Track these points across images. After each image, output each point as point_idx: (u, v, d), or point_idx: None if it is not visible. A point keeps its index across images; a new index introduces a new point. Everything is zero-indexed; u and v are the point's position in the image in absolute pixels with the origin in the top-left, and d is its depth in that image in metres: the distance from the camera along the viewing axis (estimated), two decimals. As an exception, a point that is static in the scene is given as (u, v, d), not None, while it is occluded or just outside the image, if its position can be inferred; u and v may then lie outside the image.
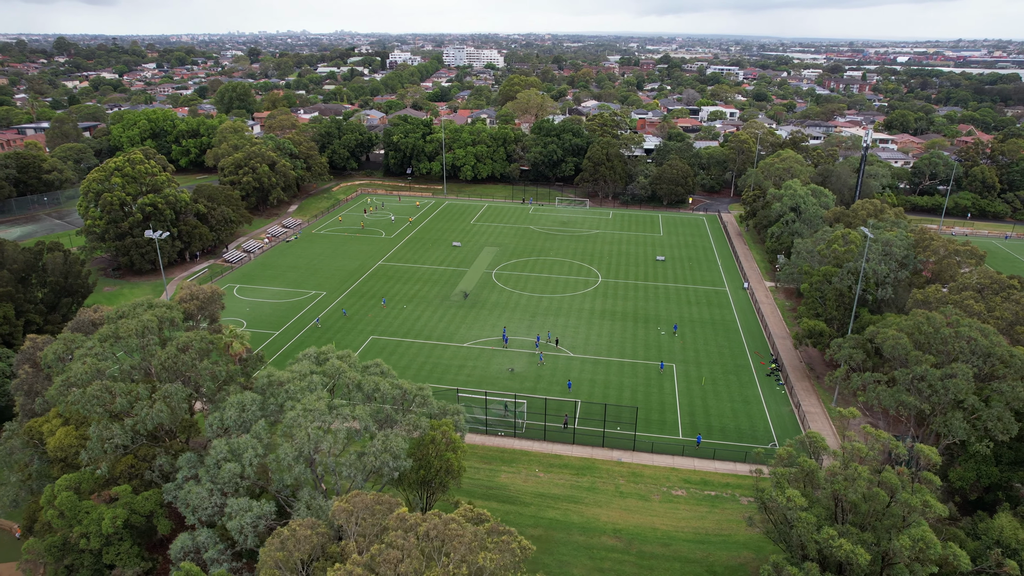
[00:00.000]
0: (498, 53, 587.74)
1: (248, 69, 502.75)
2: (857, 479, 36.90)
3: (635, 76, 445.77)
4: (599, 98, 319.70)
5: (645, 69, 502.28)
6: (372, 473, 41.81)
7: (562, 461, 63.56)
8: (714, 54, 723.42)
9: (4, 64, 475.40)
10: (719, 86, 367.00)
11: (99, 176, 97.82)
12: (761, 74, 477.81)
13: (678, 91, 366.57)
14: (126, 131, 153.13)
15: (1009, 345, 49.32)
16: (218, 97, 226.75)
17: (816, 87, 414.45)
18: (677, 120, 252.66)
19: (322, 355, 49.43)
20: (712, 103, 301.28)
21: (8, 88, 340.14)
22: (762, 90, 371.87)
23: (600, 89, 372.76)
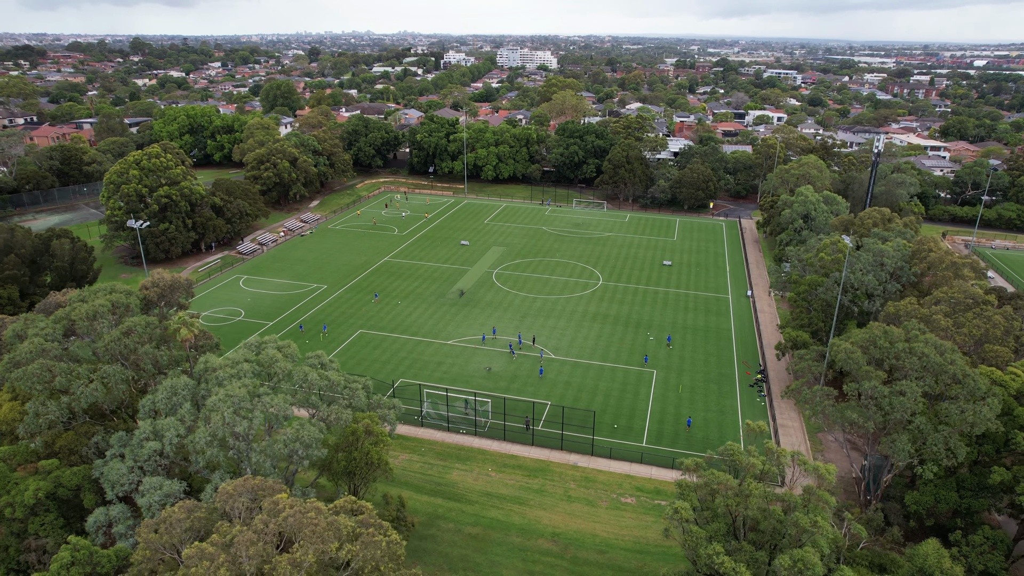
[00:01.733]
0: (551, 55, 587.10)
1: (306, 68, 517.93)
2: (751, 495, 35.63)
3: (688, 79, 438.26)
4: (645, 100, 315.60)
5: (700, 72, 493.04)
6: (282, 459, 42.75)
7: (517, 462, 63.36)
8: (776, 57, 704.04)
9: (84, 63, 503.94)
10: (772, 90, 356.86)
11: (120, 168, 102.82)
12: (820, 78, 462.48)
13: (731, 95, 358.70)
14: (166, 126, 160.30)
15: (965, 364, 46.48)
16: (264, 95, 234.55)
17: (878, 92, 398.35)
18: (719, 124, 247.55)
19: (262, 344, 50.76)
20: (760, 107, 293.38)
21: (82, 86, 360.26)
22: (818, 94, 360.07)
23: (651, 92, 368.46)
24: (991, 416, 44.13)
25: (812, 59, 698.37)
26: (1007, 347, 50.60)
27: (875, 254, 71.71)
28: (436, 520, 56.21)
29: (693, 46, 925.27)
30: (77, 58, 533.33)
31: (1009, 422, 47.61)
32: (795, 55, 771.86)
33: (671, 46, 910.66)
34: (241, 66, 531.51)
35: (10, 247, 77.59)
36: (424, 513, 57.00)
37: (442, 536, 54.49)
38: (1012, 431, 46.56)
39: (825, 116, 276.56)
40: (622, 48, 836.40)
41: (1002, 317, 51.82)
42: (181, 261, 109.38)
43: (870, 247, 72.33)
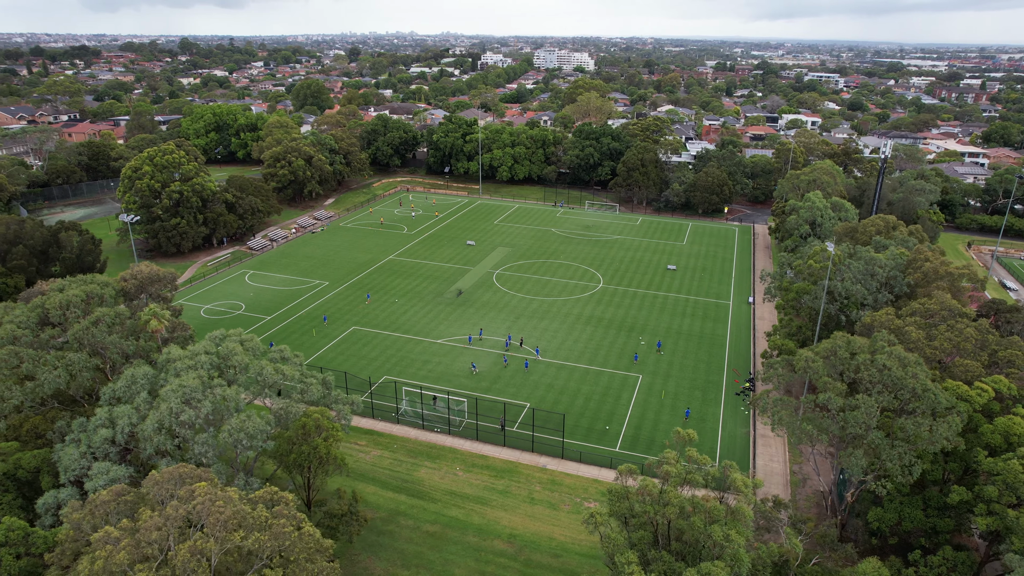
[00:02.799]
0: (589, 56, 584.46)
1: (345, 68, 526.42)
2: (668, 504, 35.14)
3: (726, 82, 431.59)
4: (677, 103, 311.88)
5: (739, 75, 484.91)
6: (227, 449, 43.73)
7: (486, 462, 63.46)
8: (821, 60, 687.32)
9: (134, 63, 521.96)
10: (811, 94, 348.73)
11: (136, 164, 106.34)
12: (864, 81, 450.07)
13: (768, 98, 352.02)
14: (193, 124, 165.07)
15: (928, 378, 44.78)
16: (294, 94, 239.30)
17: (924, 96, 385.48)
18: (749, 128, 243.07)
19: (225, 336, 51.94)
20: (795, 111, 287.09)
21: (130, 84, 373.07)
22: (859, 98, 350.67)
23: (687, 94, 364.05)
24: (950, 433, 42.50)
25: (859, 62, 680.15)
26: (979, 361, 48.59)
27: (867, 263, 69.64)
28: (397, 516, 56.71)
29: (736, 49, 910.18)
30: (128, 58, 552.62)
31: (974, 439, 45.82)
32: (841, 58, 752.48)
33: (714, 49, 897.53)
34: (282, 65, 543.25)
35: (19, 238, 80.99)
36: (386, 509, 57.59)
37: (400, 532, 54.97)
38: (975, 448, 44.77)
39: (862, 121, 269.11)
40: (663, 50, 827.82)
41: (975, 330, 49.76)
42: (192, 255, 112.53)
43: (862, 255, 70.27)
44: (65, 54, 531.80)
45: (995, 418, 45.11)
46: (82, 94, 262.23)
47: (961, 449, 44.71)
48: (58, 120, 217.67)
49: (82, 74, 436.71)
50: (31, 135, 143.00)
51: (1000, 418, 44.61)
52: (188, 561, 30.23)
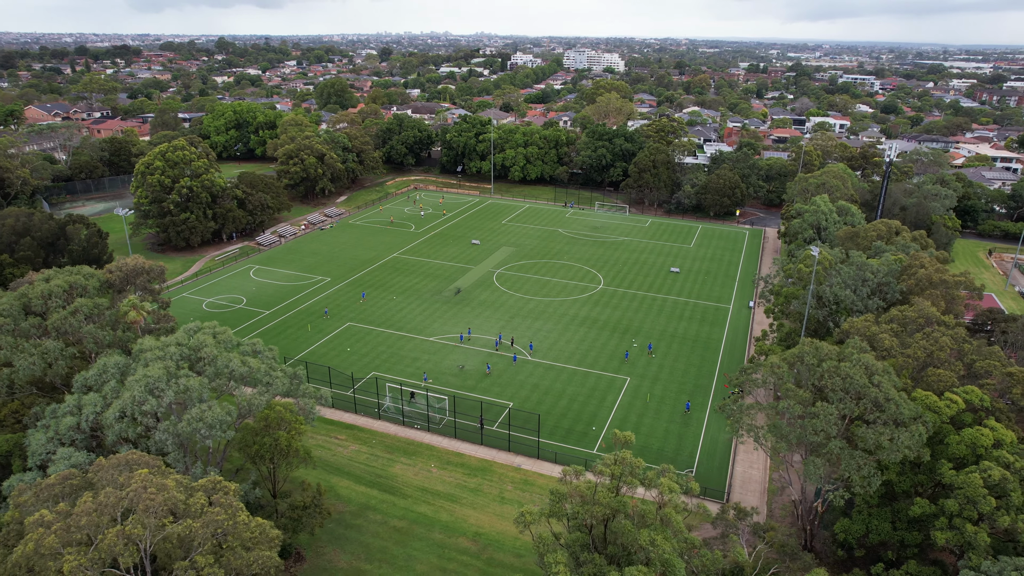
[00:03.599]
0: (619, 57, 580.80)
1: (375, 67, 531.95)
2: (594, 505, 34.90)
3: (757, 84, 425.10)
4: (704, 104, 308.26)
5: (771, 77, 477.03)
6: (186, 438, 44.64)
7: (461, 460, 63.66)
8: (859, 62, 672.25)
9: (172, 62, 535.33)
10: (843, 96, 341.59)
11: (148, 159, 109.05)
12: (901, 84, 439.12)
13: (799, 100, 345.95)
14: (214, 121, 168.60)
15: (893, 387, 43.52)
16: (318, 92, 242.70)
17: (963, 99, 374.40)
18: (774, 130, 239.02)
19: (198, 328, 53.01)
20: (823, 114, 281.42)
21: (165, 83, 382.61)
22: (894, 101, 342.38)
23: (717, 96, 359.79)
24: (912, 443, 41.36)
25: (899, 64, 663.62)
26: (953, 371, 47.09)
27: (859, 268, 68.05)
28: (366, 511, 57.26)
29: (772, 50, 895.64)
30: (167, 57, 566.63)
31: (941, 451, 44.52)
32: (881, 60, 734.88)
33: (749, 50, 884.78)
34: (315, 65, 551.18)
35: (27, 230, 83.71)
36: (357, 503, 58.20)
37: (368, 526, 55.49)
38: (940, 460, 43.49)
39: (892, 124, 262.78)
40: (697, 52, 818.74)
41: (950, 339, 48.23)
42: (201, 249, 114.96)
43: (854, 260, 68.68)
44: (107, 53, 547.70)
45: (963, 430, 43.73)
46: (116, 92, 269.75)
47: (925, 460, 43.45)
48: (91, 117, 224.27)
49: (122, 72, 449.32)
50: (58, 131, 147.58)
51: (968, 430, 43.25)
52: (115, 545, 31.01)
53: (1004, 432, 42.89)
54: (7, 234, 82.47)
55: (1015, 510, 39.89)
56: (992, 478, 39.85)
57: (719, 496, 59.02)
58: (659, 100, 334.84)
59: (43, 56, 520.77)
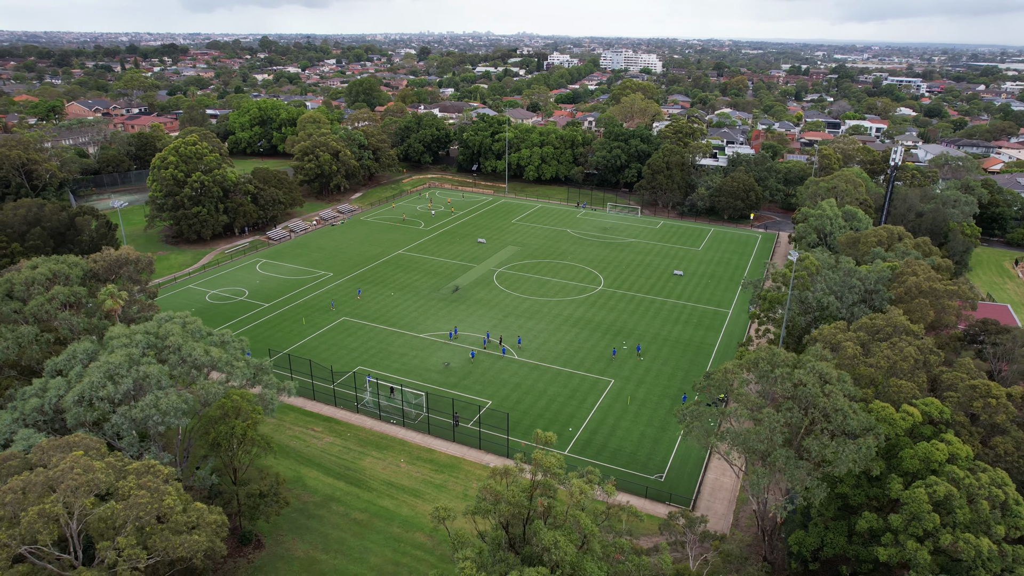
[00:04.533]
0: (657, 58, 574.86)
1: (412, 66, 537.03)
2: (500, 502, 34.85)
3: (796, 86, 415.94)
4: (736, 106, 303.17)
5: (812, 79, 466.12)
6: (139, 424, 45.93)
7: (431, 456, 64.04)
8: (909, 64, 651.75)
9: (216, 60, 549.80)
10: (884, 99, 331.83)
11: (163, 154, 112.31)
12: (950, 86, 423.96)
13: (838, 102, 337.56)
14: (239, 118, 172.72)
15: (843, 396, 42.19)
16: (348, 91, 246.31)
17: (1015, 102, 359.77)
18: (806, 133, 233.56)
19: (169, 318, 54.51)
20: (861, 117, 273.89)
21: (206, 80, 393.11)
22: (940, 104, 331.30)
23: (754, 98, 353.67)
24: (858, 455, 40.14)
25: (951, 66, 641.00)
26: (915, 383, 45.43)
27: (846, 274, 66.21)
28: (330, 502, 58.07)
29: (818, 52, 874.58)
30: (212, 55, 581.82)
31: (896, 463, 43.06)
32: (933, 62, 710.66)
33: (794, 52, 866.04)
34: (353, 63, 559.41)
35: (38, 220, 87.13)
36: (322, 494, 59.05)
37: (329, 517, 56.27)
38: (891, 474, 42.07)
39: (931, 128, 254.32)
40: (740, 53, 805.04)
41: (915, 349, 46.49)
42: (213, 242, 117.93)
43: (842, 266, 66.83)
44: (156, 51, 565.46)
45: (918, 444, 42.21)
46: (155, 89, 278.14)
47: (875, 474, 42.08)
48: (128, 113, 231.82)
49: (168, 70, 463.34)
50: (88, 126, 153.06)
51: (922, 443, 41.71)
52: (35, 522, 32.18)
53: (960, 447, 41.27)
54: (18, 223, 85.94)
55: (961, 527, 38.38)
56: (937, 494, 38.41)
57: (686, 503, 58.11)
58: (692, 101, 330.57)
59: (96, 55, 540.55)
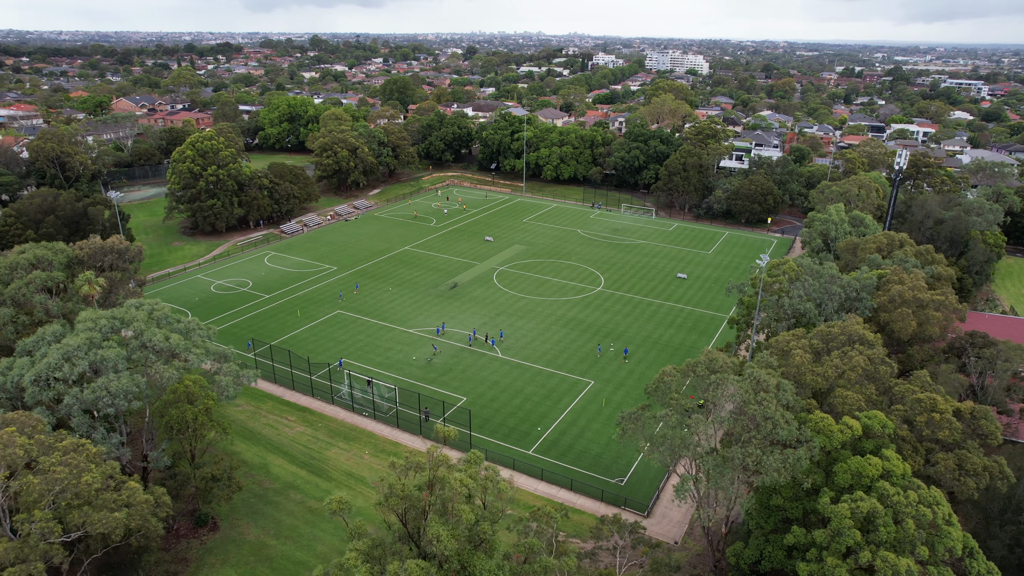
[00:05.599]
0: (704, 59, 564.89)
1: (457, 66, 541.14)
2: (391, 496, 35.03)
3: (847, 88, 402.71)
4: (776, 109, 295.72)
5: (865, 82, 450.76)
6: (89, 405, 47.73)
7: (396, 449, 64.60)
8: (975, 66, 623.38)
9: (268, 58, 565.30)
10: (938, 102, 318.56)
11: (181, 149, 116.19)
12: (1015, 89, 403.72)
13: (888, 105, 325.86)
14: (269, 114, 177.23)
15: (775, 405, 40.73)
16: (382, 89, 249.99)
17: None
18: (846, 137, 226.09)
19: (137, 304, 56.46)
20: (907, 120, 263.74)
21: (254, 77, 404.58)
22: (999, 108, 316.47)
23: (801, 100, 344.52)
24: (779, 467, 38.86)
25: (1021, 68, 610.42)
26: (863, 393, 43.53)
27: (827, 280, 64.00)
28: (289, 489, 59.21)
29: (878, 54, 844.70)
30: (264, 53, 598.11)
31: (831, 477, 41.47)
32: (1002, 64, 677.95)
33: (852, 53, 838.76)
34: (400, 62, 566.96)
35: (52, 209, 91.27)
36: (283, 481, 60.26)
37: (286, 504, 57.40)
38: (823, 488, 40.53)
39: (983, 133, 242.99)
40: (794, 55, 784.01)
41: (865, 359, 44.55)
42: (228, 235, 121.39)
43: (822, 273, 64.62)
44: (211, 50, 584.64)
45: (851, 458, 40.54)
46: (201, 86, 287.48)
47: (807, 486, 40.62)
48: (173, 108, 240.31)
49: (220, 68, 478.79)
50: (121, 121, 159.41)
51: (856, 458, 40.06)
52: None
53: (896, 463, 39.49)
54: (34, 212, 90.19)
55: (886, 546, 36.73)
56: (861, 510, 36.85)
57: (642, 508, 57.15)
58: (735, 103, 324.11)
59: (156, 53, 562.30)
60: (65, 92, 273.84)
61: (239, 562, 52.04)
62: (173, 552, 52.79)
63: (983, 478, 39.60)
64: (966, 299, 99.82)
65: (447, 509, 34.47)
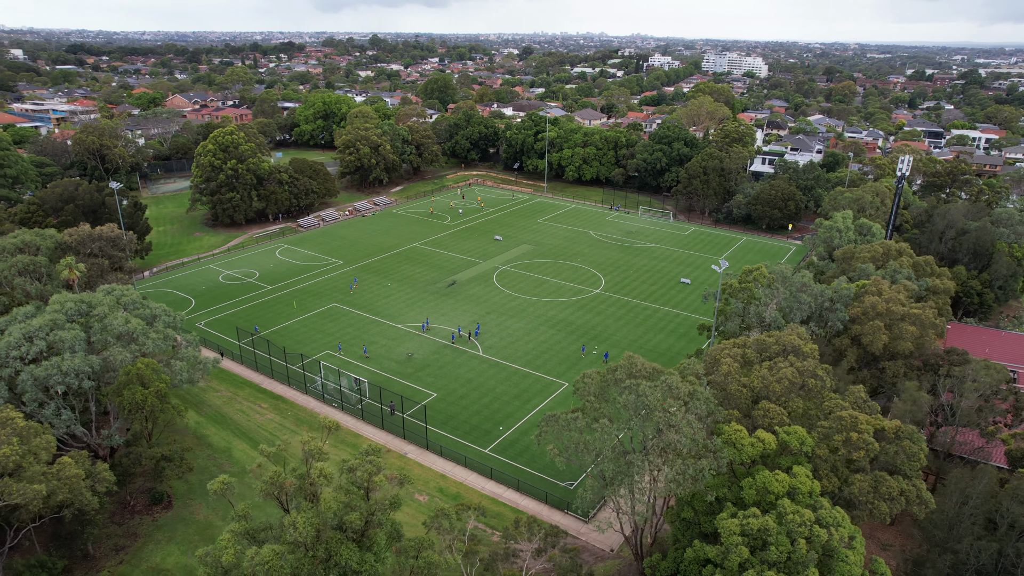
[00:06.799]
0: (763, 61, 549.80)
1: (511, 66, 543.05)
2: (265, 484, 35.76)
3: (913, 93, 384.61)
4: (828, 113, 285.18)
5: (934, 85, 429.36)
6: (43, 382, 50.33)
7: (356, 440, 65.66)
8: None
9: (327, 56, 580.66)
10: (1010, 107, 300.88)
11: (205, 143, 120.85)
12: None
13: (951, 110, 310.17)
14: (305, 111, 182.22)
15: (681, 413, 39.48)
16: (423, 88, 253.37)
17: None
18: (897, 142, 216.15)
19: (108, 290, 59.27)
20: (970, 126, 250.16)
21: (310, 75, 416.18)
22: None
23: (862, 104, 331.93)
24: (676, 477, 37.83)
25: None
26: (788, 408, 41.70)
27: (799, 288, 61.65)
28: (245, 474, 60.88)
29: (957, 56, 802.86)
30: (324, 52, 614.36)
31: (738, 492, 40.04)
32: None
33: (928, 55, 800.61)
34: (455, 62, 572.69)
35: (72, 198, 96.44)
36: (241, 465, 62.11)
37: (239, 487, 58.99)
38: (725, 503, 39.19)
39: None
40: (864, 57, 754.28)
41: (793, 372, 42.65)
42: (247, 227, 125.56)
43: (794, 281, 62.24)
44: (275, 49, 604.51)
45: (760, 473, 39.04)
46: (252, 83, 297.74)
47: (709, 500, 39.37)
48: (224, 105, 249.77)
49: (281, 66, 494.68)
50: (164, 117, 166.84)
51: (764, 473, 38.56)
52: None
53: (803, 481, 37.81)
54: (55, 200, 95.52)
55: (778, 567, 35.23)
56: (751, 527, 35.49)
57: (585, 514, 56.34)
58: (787, 107, 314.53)
59: (224, 52, 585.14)
60: (129, 89, 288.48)
61: (184, 540, 53.99)
62: (125, 527, 55.17)
63: (898, 503, 37.47)
64: (987, 315, 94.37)
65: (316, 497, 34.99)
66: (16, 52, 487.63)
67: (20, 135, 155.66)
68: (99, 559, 52.36)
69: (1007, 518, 42.35)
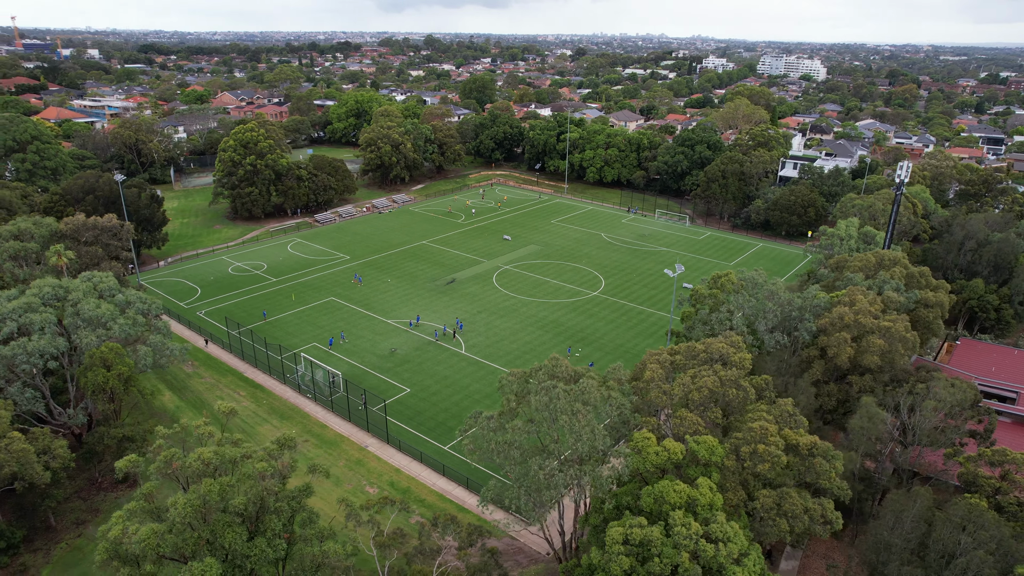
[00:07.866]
0: (821, 64, 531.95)
1: (562, 67, 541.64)
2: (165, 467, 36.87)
3: (981, 97, 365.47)
4: (882, 118, 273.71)
5: (1008, 88, 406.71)
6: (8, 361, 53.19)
7: (322, 431, 67.03)
8: None
9: (382, 56, 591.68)
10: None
11: (227, 139, 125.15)
12: None
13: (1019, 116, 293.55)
14: (338, 109, 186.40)
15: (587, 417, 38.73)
16: (462, 88, 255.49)
17: None
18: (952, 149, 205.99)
19: (86, 277, 62.15)
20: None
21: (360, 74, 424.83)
22: None
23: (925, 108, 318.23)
24: (566, 482, 37.41)
25: None
26: (706, 417, 40.40)
27: (767, 296, 59.70)
28: (210, 459, 62.87)
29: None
30: (379, 52, 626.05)
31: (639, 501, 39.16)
32: None
33: (1008, 57, 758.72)
34: (507, 63, 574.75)
35: (92, 189, 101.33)
36: (208, 451, 64.05)
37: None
38: (624, 511, 38.39)
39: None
40: (936, 59, 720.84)
41: (715, 381, 41.29)
42: (265, 221, 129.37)
43: (760, 289, 60.26)
44: (331, 48, 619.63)
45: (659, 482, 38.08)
46: (299, 81, 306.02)
47: (608, 508, 38.65)
48: (270, 102, 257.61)
49: (336, 65, 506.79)
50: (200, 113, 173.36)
51: (662, 482, 37.57)
52: None
53: (704, 492, 36.68)
54: (76, 191, 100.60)
55: None
56: (634, 537, 34.69)
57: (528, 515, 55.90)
58: (840, 111, 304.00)
59: (283, 51, 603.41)
60: (185, 86, 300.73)
61: (140, 519, 56.06)
62: (89, 502, 57.84)
63: (800, 521, 35.95)
64: (1005, 332, 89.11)
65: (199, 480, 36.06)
66: (93, 52, 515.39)
67: (73, 129, 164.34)
68: (60, 531, 55.07)
69: (938, 544, 40.12)
